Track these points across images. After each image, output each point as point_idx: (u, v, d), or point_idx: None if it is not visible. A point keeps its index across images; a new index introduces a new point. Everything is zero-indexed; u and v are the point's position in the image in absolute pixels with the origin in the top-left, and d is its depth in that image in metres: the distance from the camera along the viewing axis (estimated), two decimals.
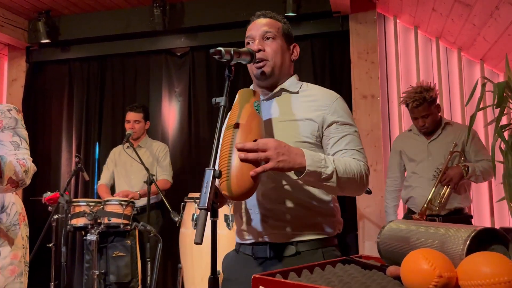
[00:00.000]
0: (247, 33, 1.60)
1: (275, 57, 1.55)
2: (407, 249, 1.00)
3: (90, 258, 3.36)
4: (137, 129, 3.89)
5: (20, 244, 1.93)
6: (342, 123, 1.51)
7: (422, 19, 3.85)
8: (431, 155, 3.08)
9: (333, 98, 1.55)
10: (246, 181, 1.24)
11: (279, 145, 1.29)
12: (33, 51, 4.95)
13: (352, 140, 1.51)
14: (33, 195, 4.45)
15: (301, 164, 1.31)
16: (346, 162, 1.43)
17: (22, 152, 1.85)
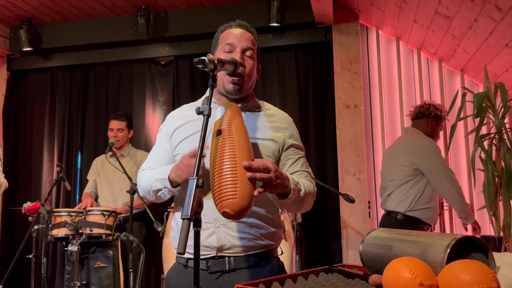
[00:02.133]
0: (228, 38, 1.56)
1: (250, 75, 1.56)
2: (389, 258, 1.01)
3: (71, 269, 3.30)
4: (120, 137, 3.85)
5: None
6: (297, 146, 1.61)
7: (403, 31, 3.92)
8: None
9: (289, 121, 1.65)
10: (248, 199, 1.24)
11: (276, 168, 1.33)
12: (14, 59, 4.89)
13: (304, 162, 1.63)
14: (13, 205, 4.38)
15: (287, 188, 1.38)
16: (305, 183, 1.53)
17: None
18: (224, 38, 1.57)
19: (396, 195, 3.18)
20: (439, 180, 3.08)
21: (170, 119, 1.69)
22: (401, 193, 3.17)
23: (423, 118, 3.31)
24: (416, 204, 3.11)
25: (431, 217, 3.16)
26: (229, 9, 4.30)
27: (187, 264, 1.55)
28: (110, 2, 4.28)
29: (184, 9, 4.44)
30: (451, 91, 4.02)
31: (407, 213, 3.11)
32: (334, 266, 1.25)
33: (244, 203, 1.23)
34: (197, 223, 1.18)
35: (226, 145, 1.30)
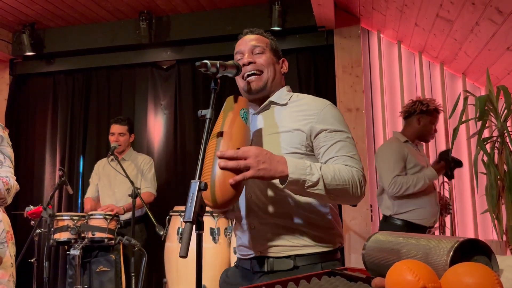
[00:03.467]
0: (236, 49, 1.62)
1: (268, 67, 1.57)
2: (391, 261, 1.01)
3: (73, 273, 3.30)
4: (122, 141, 3.86)
5: (9, 263, 1.89)
6: (331, 130, 1.45)
7: (405, 34, 3.92)
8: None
9: (322, 106, 1.51)
10: (227, 189, 1.23)
11: (260, 153, 1.27)
12: (17, 63, 4.91)
13: (343, 146, 1.45)
14: (15, 209, 4.38)
15: (282, 173, 1.29)
16: (336, 168, 1.37)
17: (5, 170, 1.82)
18: (236, 49, 1.63)
19: (385, 199, 3.16)
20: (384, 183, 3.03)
21: None
22: (384, 197, 3.15)
23: (411, 117, 3.22)
24: (399, 208, 3.05)
25: (423, 218, 3.06)
26: (230, 13, 4.31)
27: (239, 264, 1.61)
28: (112, 7, 4.29)
29: (186, 14, 4.46)
30: (453, 95, 4.02)
31: (396, 216, 3.08)
32: (336, 269, 1.25)
33: (220, 193, 1.23)
34: (199, 226, 1.18)
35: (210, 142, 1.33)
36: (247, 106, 1.47)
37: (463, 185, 3.95)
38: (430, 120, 3.18)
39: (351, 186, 1.38)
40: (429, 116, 3.17)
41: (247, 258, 1.53)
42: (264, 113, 1.59)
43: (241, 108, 1.43)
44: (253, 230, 1.50)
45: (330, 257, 1.49)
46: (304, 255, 1.46)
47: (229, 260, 3.27)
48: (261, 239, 1.48)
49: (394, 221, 3.07)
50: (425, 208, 3.05)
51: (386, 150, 3.11)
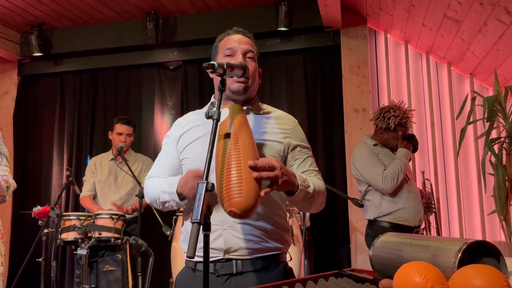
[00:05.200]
0: (228, 43, 1.60)
1: (254, 77, 1.60)
2: (399, 262, 1.01)
3: (80, 273, 3.32)
4: (128, 142, 3.87)
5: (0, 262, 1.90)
6: (303, 146, 1.62)
7: (412, 34, 3.91)
8: None
9: (294, 122, 1.66)
10: (254, 198, 1.24)
11: (282, 165, 1.33)
12: (25, 64, 4.94)
13: (312, 161, 1.64)
14: (23, 209, 4.41)
15: (294, 185, 1.38)
16: (315, 181, 1.53)
17: (3, 169, 1.83)
18: (224, 44, 1.62)
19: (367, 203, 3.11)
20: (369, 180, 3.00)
21: (176, 126, 1.73)
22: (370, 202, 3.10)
23: (376, 127, 3.12)
24: (381, 210, 3.00)
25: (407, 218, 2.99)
26: (237, 14, 4.32)
27: (195, 268, 1.55)
28: (119, 8, 4.31)
29: (192, 14, 4.47)
30: (460, 95, 4.00)
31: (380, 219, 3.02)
32: (343, 270, 1.25)
33: (249, 202, 1.23)
34: (206, 227, 1.18)
35: (232, 147, 1.31)
36: None
37: (470, 186, 3.93)
38: (394, 136, 3.06)
39: (324, 196, 1.59)
40: (392, 132, 3.05)
41: (212, 261, 1.48)
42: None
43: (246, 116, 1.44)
44: (225, 230, 1.49)
45: (285, 256, 1.60)
46: (270, 256, 1.51)
47: None
48: (233, 241, 1.48)
49: (380, 223, 3.01)
50: (409, 208, 2.98)
51: (360, 155, 3.07)
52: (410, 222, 2.99)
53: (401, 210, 2.97)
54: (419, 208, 3.04)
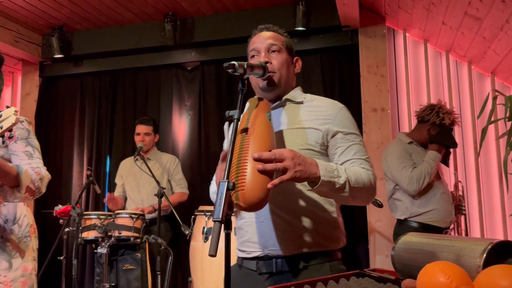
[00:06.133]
0: (251, 46, 1.62)
1: (281, 69, 1.57)
2: (422, 262, 1.00)
3: (101, 271, 3.37)
4: (147, 141, 3.92)
5: (31, 256, 1.94)
6: (347, 132, 1.51)
7: (431, 33, 3.86)
8: None
9: (337, 108, 1.55)
10: (260, 191, 1.23)
11: (295, 155, 1.29)
12: (46, 66, 5.03)
13: (359, 149, 1.50)
14: (45, 208, 4.48)
15: (315, 174, 1.31)
16: (356, 171, 1.42)
17: (35, 161, 1.87)
18: (249, 46, 1.63)
19: (397, 203, 3.09)
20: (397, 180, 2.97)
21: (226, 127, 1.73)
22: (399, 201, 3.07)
23: (423, 123, 3.09)
24: (413, 211, 2.98)
25: (439, 219, 2.97)
26: (254, 14, 4.32)
27: (241, 264, 1.57)
28: (138, 9, 4.36)
29: (210, 15, 4.49)
30: (481, 94, 3.94)
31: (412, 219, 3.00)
32: (365, 270, 1.24)
33: (254, 194, 1.22)
34: (228, 225, 1.19)
35: (244, 142, 1.32)
36: (269, 108, 1.48)
37: (492, 187, 3.87)
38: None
39: (369, 188, 1.45)
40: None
41: (252, 257, 1.50)
42: (279, 110, 1.61)
43: (266, 110, 1.44)
44: (261, 223, 1.48)
45: (335, 256, 1.51)
46: (311, 254, 1.46)
47: None
48: (270, 235, 1.46)
49: (410, 224, 2.99)
50: (441, 209, 2.97)
51: (392, 153, 3.05)
52: (441, 223, 2.98)
53: (433, 211, 2.96)
54: (451, 209, 3.04)
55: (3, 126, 1.48)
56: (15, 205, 1.92)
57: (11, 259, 1.85)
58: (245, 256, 1.54)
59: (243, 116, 1.41)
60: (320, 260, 1.46)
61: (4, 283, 1.81)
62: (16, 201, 1.76)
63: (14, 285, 1.83)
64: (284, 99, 1.60)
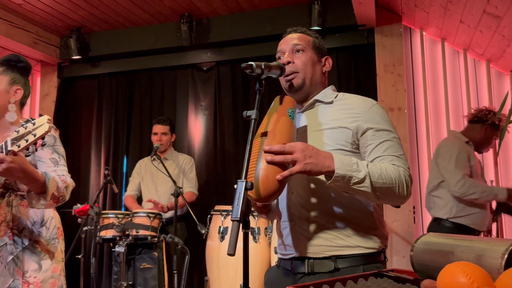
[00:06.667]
0: (278, 48, 1.63)
1: (305, 68, 1.56)
2: (442, 263, 0.99)
3: (118, 269, 3.41)
4: (164, 141, 3.95)
5: (60, 258, 1.97)
6: (378, 129, 1.45)
7: (449, 31, 3.82)
8: None
9: (369, 105, 1.51)
10: (271, 183, 1.24)
11: (306, 147, 1.28)
12: (64, 67, 5.10)
13: (390, 145, 1.44)
14: (63, 207, 4.53)
15: (329, 168, 1.29)
16: (383, 167, 1.37)
17: (61, 168, 1.89)
18: (278, 48, 1.64)
19: (438, 201, 3.08)
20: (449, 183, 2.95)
21: None
22: (440, 199, 3.06)
23: (478, 123, 3.18)
24: (458, 211, 2.98)
25: (479, 222, 3.01)
26: (269, 14, 4.32)
27: (280, 264, 1.60)
28: (155, 10, 4.39)
29: (225, 15, 4.51)
30: (500, 93, 3.88)
31: (451, 219, 3.00)
32: (383, 270, 1.24)
33: (263, 186, 1.24)
34: (246, 225, 1.20)
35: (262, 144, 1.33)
36: (294, 105, 1.47)
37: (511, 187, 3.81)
38: (496, 135, 3.18)
39: (398, 186, 1.37)
40: (496, 130, 3.16)
41: (288, 258, 1.53)
42: (309, 111, 1.59)
43: (288, 107, 1.43)
44: (294, 226, 1.50)
45: (373, 259, 1.46)
46: (345, 257, 1.43)
47: (269, 259, 3.28)
48: (302, 237, 1.47)
49: (445, 224, 3.01)
50: (483, 213, 3.01)
51: (452, 147, 3.05)
52: (480, 227, 3.02)
53: (476, 214, 2.99)
54: (490, 214, 3.09)
55: (36, 134, 1.51)
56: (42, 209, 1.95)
57: (40, 261, 1.88)
58: (282, 257, 1.58)
59: (264, 119, 1.42)
60: (353, 263, 1.43)
61: (34, 284, 1.84)
62: (41, 207, 1.78)
63: (44, 286, 1.86)
64: (313, 100, 1.58)
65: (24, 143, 1.52)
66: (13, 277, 1.80)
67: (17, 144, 1.53)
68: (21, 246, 1.84)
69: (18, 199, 1.88)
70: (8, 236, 1.83)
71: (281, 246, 1.58)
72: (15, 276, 1.81)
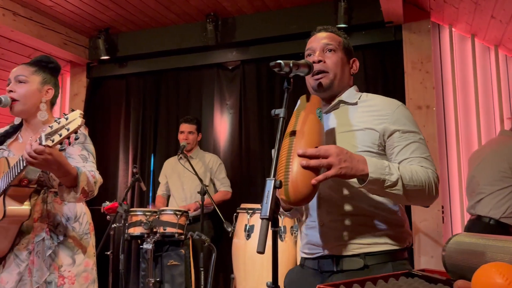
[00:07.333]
0: (308, 46, 1.62)
1: (335, 69, 1.56)
2: (475, 263, 0.98)
3: (146, 266, 3.46)
4: (191, 140, 4.00)
5: (92, 252, 2.03)
6: (405, 131, 1.47)
7: (479, 27, 3.73)
8: None
9: (395, 106, 1.52)
10: (305, 187, 1.24)
11: (341, 151, 1.28)
12: (93, 67, 5.20)
13: (418, 147, 1.46)
14: (92, 205, 4.61)
15: (363, 171, 1.30)
16: (413, 169, 1.38)
17: (89, 165, 1.94)
18: (307, 46, 1.63)
19: (491, 200, 3.01)
20: None
21: None
22: (496, 198, 2.99)
23: None
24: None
25: None
26: (295, 12, 4.31)
27: (304, 264, 1.59)
28: (181, 10, 4.44)
29: (251, 14, 4.51)
30: None
31: (501, 219, 2.94)
32: (414, 270, 1.22)
33: (298, 190, 1.24)
34: (275, 223, 1.20)
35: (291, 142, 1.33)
36: (321, 105, 1.47)
37: None
38: None
39: (427, 187, 1.39)
40: None
41: (314, 257, 1.52)
42: (335, 112, 1.59)
43: (316, 107, 1.43)
44: (322, 227, 1.49)
45: (400, 256, 1.48)
46: (374, 254, 1.44)
47: (295, 258, 3.28)
48: (331, 237, 1.47)
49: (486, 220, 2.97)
50: None
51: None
52: None
53: None
54: None
55: (70, 128, 1.55)
56: (75, 204, 2.00)
57: (74, 255, 1.94)
58: (307, 256, 1.57)
59: (292, 117, 1.42)
60: (382, 260, 1.44)
61: (69, 278, 1.90)
62: (72, 201, 1.84)
63: (78, 280, 1.92)
64: (337, 100, 1.58)
65: (58, 137, 1.57)
66: (49, 271, 1.86)
67: (51, 139, 1.58)
68: (57, 241, 1.90)
69: (52, 195, 1.94)
70: (45, 231, 1.89)
71: (306, 245, 1.57)
72: (51, 270, 1.86)
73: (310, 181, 1.24)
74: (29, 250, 1.88)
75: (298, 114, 1.41)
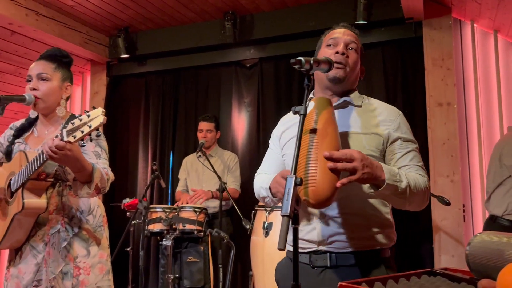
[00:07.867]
0: (330, 35, 1.64)
1: (353, 66, 1.60)
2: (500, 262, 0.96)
3: (165, 262, 3.49)
4: (209, 138, 4.02)
5: (106, 244, 2.08)
6: (405, 139, 1.56)
7: (503, 23, 3.66)
8: None
9: (397, 113, 1.61)
10: (329, 189, 1.26)
11: (363, 157, 1.32)
12: (113, 65, 5.26)
13: (415, 156, 1.56)
14: (113, 201, 4.71)
15: (380, 178, 1.35)
16: (415, 177, 1.48)
17: (102, 161, 1.98)
18: (328, 37, 1.65)
19: (495, 197, 2.98)
20: None
21: (280, 123, 1.80)
22: (499, 195, 2.96)
23: None
24: None
25: None
26: (314, 9, 4.29)
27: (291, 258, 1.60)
28: (199, 8, 4.46)
29: (268, 12, 4.51)
30: None
31: (506, 217, 2.90)
32: (436, 269, 1.21)
33: (323, 192, 1.26)
34: (296, 220, 1.20)
35: (314, 141, 1.34)
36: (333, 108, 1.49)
37: None
38: None
39: (425, 194, 1.50)
40: None
41: (305, 252, 1.54)
42: (342, 111, 1.62)
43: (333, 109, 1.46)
44: (319, 224, 1.52)
45: (387, 253, 1.55)
46: (367, 251, 1.50)
47: None
48: (326, 234, 1.50)
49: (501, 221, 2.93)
50: None
51: None
52: None
53: None
54: None
55: (92, 125, 1.59)
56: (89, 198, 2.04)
57: (89, 247, 1.99)
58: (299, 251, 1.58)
59: (308, 115, 1.42)
60: (373, 257, 1.51)
61: (84, 269, 1.95)
62: (85, 196, 1.88)
63: (93, 271, 1.97)
64: (343, 100, 1.61)
65: (79, 134, 1.60)
66: (65, 262, 1.90)
67: (73, 135, 1.61)
68: (71, 233, 1.94)
69: (67, 189, 1.98)
70: (60, 223, 1.93)
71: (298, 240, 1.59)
72: (66, 261, 1.91)
73: (333, 183, 1.26)
74: (45, 242, 1.93)
75: (320, 112, 1.41)
